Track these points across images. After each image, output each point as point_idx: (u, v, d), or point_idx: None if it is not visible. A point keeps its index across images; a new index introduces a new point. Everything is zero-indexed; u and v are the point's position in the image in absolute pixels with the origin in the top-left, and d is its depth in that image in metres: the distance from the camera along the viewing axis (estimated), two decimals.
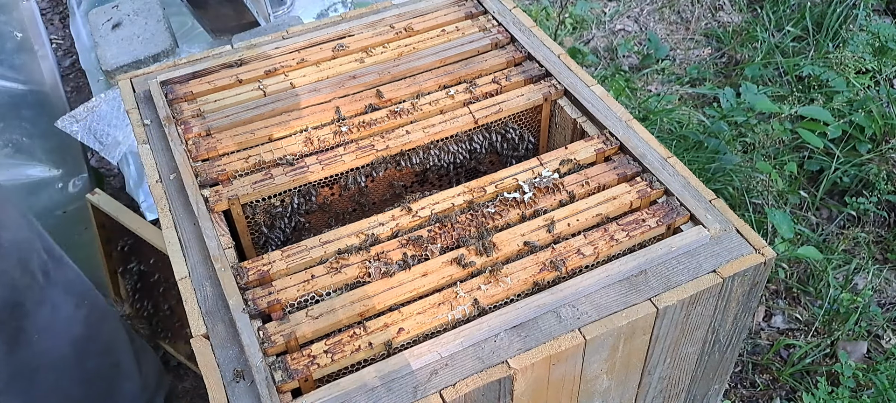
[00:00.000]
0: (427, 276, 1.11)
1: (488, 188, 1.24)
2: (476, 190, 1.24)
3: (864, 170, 2.69)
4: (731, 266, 1.14)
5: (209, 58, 1.55)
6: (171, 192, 1.29)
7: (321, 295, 1.10)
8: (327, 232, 1.18)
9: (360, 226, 1.19)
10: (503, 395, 1.04)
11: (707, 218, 1.19)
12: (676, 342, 1.19)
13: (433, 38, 1.58)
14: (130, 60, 2.19)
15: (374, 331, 1.04)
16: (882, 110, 2.82)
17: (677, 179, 1.26)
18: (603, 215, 1.20)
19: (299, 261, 1.14)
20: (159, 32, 2.23)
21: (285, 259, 1.14)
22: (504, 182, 1.25)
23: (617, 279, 1.12)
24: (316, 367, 1.00)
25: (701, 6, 3.64)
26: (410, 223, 1.20)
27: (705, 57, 3.43)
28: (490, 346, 1.04)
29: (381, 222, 1.19)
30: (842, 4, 3.29)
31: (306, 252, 1.15)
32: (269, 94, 1.45)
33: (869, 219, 2.64)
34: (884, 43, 3.19)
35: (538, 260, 1.13)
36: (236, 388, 1.02)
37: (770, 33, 3.39)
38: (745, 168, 2.68)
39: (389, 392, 0.99)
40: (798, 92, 3.10)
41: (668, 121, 2.92)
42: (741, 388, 2.23)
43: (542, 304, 1.07)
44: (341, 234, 1.17)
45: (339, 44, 1.57)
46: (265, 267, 1.13)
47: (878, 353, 2.27)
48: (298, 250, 1.15)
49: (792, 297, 2.44)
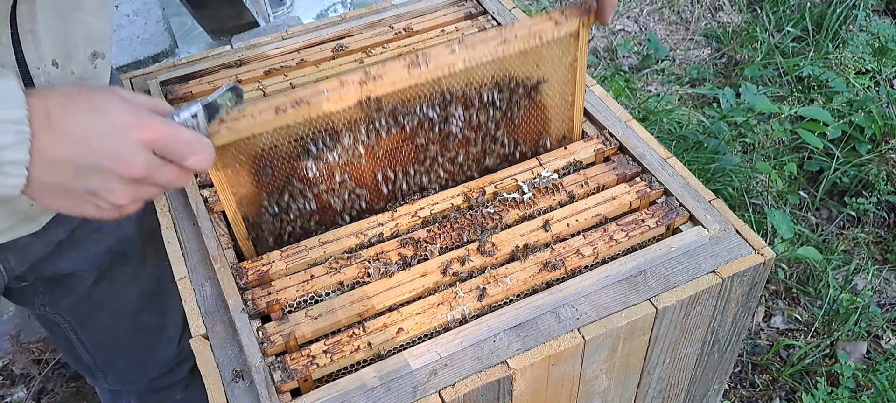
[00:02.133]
0: (426, 276, 1.11)
1: (487, 188, 1.24)
2: (475, 190, 1.24)
3: (864, 171, 2.69)
4: (731, 266, 1.14)
5: (209, 58, 1.55)
6: (170, 192, 1.29)
7: (320, 296, 1.10)
8: (326, 233, 1.18)
9: (359, 227, 1.19)
10: (502, 395, 1.04)
11: (706, 219, 1.19)
12: (676, 342, 1.19)
13: (433, 39, 1.58)
14: (130, 61, 2.19)
15: (374, 331, 1.05)
16: (882, 111, 2.82)
17: (677, 180, 1.26)
18: (602, 215, 1.20)
19: (299, 262, 1.14)
20: (159, 33, 2.23)
21: (285, 259, 1.14)
22: (503, 182, 1.25)
23: (616, 279, 1.12)
24: (315, 367, 1.00)
25: (701, 6, 3.64)
26: (410, 223, 1.20)
27: (705, 57, 3.43)
28: (489, 346, 1.04)
29: (380, 222, 1.19)
30: (842, 5, 3.29)
31: (306, 252, 1.15)
32: (268, 95, 1.45)
33: (868, 220, 2.64)
34: (883, 43, 3.19)
35: (538, 261, 1.13)
36: (235, 388, 1.02)
37: (770, 34, 3.39)
38: (745, 168, 2.69)
39: (389, 392, 0.99)
40: (798, 92, 3.10)
41: (667, 121, 2.92)
42: (741, 388, 2.23)
43: (542, 304, 1.07)
44: (340, 235, 1.17)
45: (338, 44, 1.57)
46: (264, 267, 1.13)
47: (877, 354, 2.27)
48: (297, 250, 1.15)
49: (791, 298, 2.44)
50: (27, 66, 0.91)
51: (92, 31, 0.99)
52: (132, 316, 1.45)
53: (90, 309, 1.37)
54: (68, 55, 0.96)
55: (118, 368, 1.54)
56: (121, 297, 1.40)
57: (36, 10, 0.88)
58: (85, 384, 2.29)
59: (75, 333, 1.41)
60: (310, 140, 1.11)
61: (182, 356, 1.56)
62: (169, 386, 1.62)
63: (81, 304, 1.35)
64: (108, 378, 1.56)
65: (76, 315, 1.37)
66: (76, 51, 0.98)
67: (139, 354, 1.53)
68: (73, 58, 0.97)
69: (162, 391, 1.61)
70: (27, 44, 0.90)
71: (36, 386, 2.28)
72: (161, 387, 1.61)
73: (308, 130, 1.09)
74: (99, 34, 1.01)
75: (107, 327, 1.43)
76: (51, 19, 0.91)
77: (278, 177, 1.13)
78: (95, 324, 1.42)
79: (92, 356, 1.47)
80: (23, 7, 0.87)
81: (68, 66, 0.96)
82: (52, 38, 0.92)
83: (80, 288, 1.32)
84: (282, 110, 1.04)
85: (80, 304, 1.35)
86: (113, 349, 1.49)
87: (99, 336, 1.44)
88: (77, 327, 1.40)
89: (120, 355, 1.51)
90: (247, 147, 1.07)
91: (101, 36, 1.02)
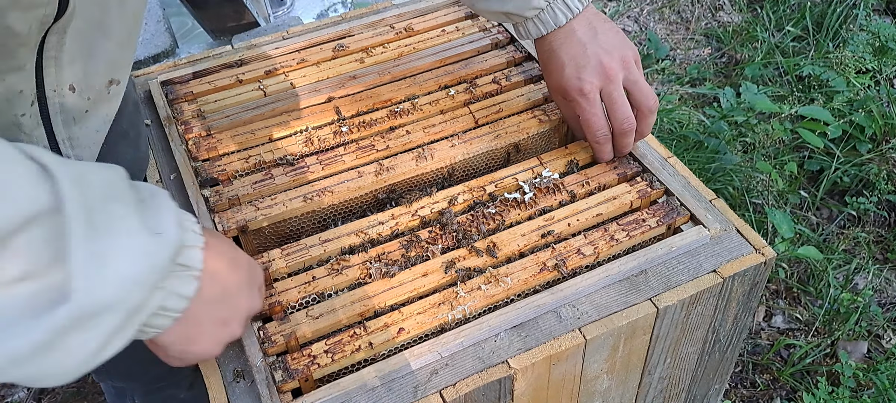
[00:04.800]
0: (427, 276, 1.11)
1: (488, 188, 1.24)
2: (476, 189, 1.24)
3: (865, 170, 2.69)
4: (732, 266, 1.14)
5: (209, 58, 1.55)
6: (172, 192, 1.29)
7: (321, 296, 1.10)
8: (326, 232, 1.18)
9: (359, 225, 1.19)
10: (503, 395, 1.04)
11: (707, 218, 1.19)
12: (677, 342, 1.19)
13: (433, 38, 1.58)
14: None
15: (375, 331, 1.04)
16: (882, 110, 2.82)
17: (677, 179, 1.26)
18: (603, 215, 1.20)
19: (299, 260, 1.14)
20: (159, 33, 2.23)
21: (285, 256, 1.14)
22: (504, 181, 1.25)
23: (617, 279, 1.12)
24: (316, 367, 1.00)
25: (701, 6, 3.64)
26: (410, 223, 1.20)
27: (705, 57, 3.43)
28: (490, 346, 1.04)
29: (380, 221, 1.19)
30: (842, 4, 3.29)
31: (306, 250, 1.15)
32: (269, 94, 1.45)
33: (869, 219, 2.64)
34: (884, 43, 3.19)
35: (538, 260, 1.13)
36: (237, 388, 1.02)
37: (770, 33, 3.39)
38: (746, 168, 2.69)
39: (389, 392, 0.99)
40: (798, 92, 3.10)
41: (668, 120, 2.92)
42: (741, 388, 2.23)
43: (543, 304, 1.07)
44: (341, 233, 1.17)
45: (339, 44, 1.57)
46: (263, 264, 1.13)
47: (878, 353, 2.27)
48: (298, 248, 1.15)
49: (792, 297, 2.44)
50: (44, 89, 0.89)
51: (114, 59, 0.97)
52: None
53: None
54: (87, 82, 0.95)
55: (122, 364, 1.53)
56: None
57: (65, 40, 0.85)
58: (86, 384, 2.29)
59: None
60: (330, 220, 1.28)
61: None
62: (174, 384, 1.61)
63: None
64: (112, 375, 1.55)
65: None
66: (95, 78, 0.96)
67: (143, 350, 1.53)
68: (91, 85, 0.96)
69: (166, 388, 1.61)
70: (49, 69, 0.87)
71: (36, 386, 2.28)
72: (166, 385, 1.61)
73: (329, 213, 1.27)
74: (120, 62, 0.99)
75: None
76: (76, 48, 0.89)
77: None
78: None
79: None
80: (53, 37, 0.84)
81: (85, 93, 0.95)
82: (74, 65, 0.90)
83: None
84: (309, 198, 1.23)
85: None
86: None
87: None
88: None
89: (124, 352, 1.50)
90: (277, 229, 1.24)
91: (121, 63, 1.00)
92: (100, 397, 2.25)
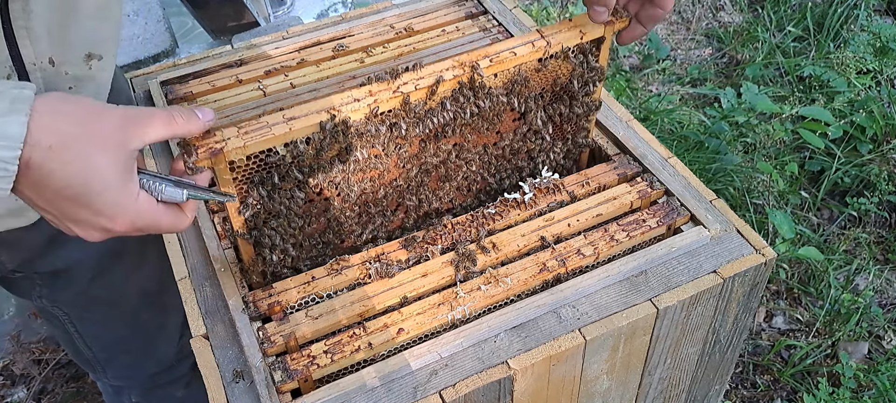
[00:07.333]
0: (427, 276, 1.10)
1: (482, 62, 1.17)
2: (465, 65, 1.17)
3: (865, 171, 2.68)
4: (732, 266, 1.14)
5: (209, 58, 1.55)
6: None
7: (321, 297, 1.10)
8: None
9: (331, 102, 1.10)
10: (503, 396, 1.04)
11: (707, 219, 1.19)
12: (677, 342, 1.19)
13: (433, 38, 1.58)
14: (130, 60, 2.19)
15: (374, 332, 1.04)
16: (883, 110, 2.82)
17: (678, 179, 1.26)
18: (603, 215, 1.20)
19: (259, 139, 1.03)
20: (159, 33, 2.22)
21: (241, 135, 1.05)
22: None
23: (617, 279, 1.12)
24: (315, 367, 1.00)
25: (702, 6, 3.63)
26: (391, 100, 1.12)
27: (706, 57, 3.43)
28: (490, 346, 1.04)
29: (356, 98, 1.14)
30: (843, 4, 3.29)
31: (269, 128, 1.06)
32: (269, 94, 1.45)
33: (870, 220, 2.63)
34: (885, 43, 3.18)
35: (538, 261, 1.13)
36: (236, 388, 1.02)
37: (771, 33, 3.38)
38: (746, 168, 2.68)
39: (389, 393, 0.99)
40: (799, 92, 3.10)
41: (668, 121, 2.92)
42: (742, 389, 2.23)
43: (543, 304, 1.07)
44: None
45: (339, 44, 1.57)
46: (219, 144, 1.03)
47: (879, 354, 2.26)
48: (259, 127, 1.07)
49: (793, 298, 2.44)
50: (23, 61, 0.92)
51: (89, 33, 0.99)
52: (131, 313, 1.45)
53: (88, 303, 1.38)
54: (63, 55, 0.96)
55: (118, 363, 1.54)
56: (119, 294, 1.40)
57: (30, 8, 0.88)
58: (85, 384, 2.29)
59: (74, 326, 1.41)
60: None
61: (183, 353, 1.57)
62: (170, 383, 1.62)
63: (79, 299, 1.36)
64: (109, 373, 1.56)
65: (74, 308, 1.38)
66: (71, 51, 0.98)
67: (139, 350, 1.53)
68: (67, 58, 0.97)
69: (163, 387, 1.62)
70: (23, 40, 0.90)
71: (36, 386, 2.28)
72: (162, 383, 1.61)
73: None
74: (97, 36, 1.01)
75: (105, 322, 1.44)
76: (47, 18, 0.91)
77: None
78: (94, 319, 1.42)
79: (91, 350, 1.48)
80: (16, 4, 0.87)
81: (62, 67, 0.97)
82: (51, 37, 0.93)
83: (77, 283, 1.32)
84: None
85: (78, 299, 1.35)
86: (112, 344, 1.49)
87: (97, 330, 1.45)
88: (75, 320, 1.41)
89: (119, 350, 1.51)
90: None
91: (99, 38, 1.01)
92: (99, 397, 2.25)
